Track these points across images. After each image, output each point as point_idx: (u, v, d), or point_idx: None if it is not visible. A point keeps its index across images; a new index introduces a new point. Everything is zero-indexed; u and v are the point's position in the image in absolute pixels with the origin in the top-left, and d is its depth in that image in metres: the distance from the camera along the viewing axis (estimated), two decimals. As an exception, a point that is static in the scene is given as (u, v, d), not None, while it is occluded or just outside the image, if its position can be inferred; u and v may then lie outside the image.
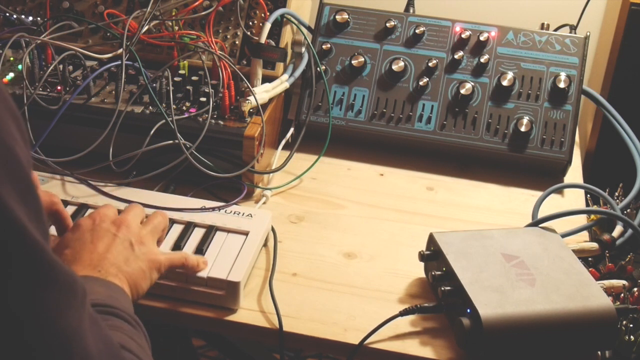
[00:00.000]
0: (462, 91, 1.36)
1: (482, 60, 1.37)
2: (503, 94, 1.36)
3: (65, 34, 1.35)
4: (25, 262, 0.57)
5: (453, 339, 0.96)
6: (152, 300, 0.97)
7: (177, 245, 1.04)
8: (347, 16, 1.42)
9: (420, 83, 1.37)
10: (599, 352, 0.97)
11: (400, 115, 1.37)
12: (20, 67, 1.27)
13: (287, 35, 1.36)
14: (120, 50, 1.26)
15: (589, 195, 1.27)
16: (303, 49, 1.37)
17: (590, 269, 1.04)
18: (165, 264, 0.95)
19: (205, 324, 1.00)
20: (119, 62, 1.24)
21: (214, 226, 1.08)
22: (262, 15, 1.36)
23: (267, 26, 1.30)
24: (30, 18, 1.38)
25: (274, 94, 1.29)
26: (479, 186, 1.33)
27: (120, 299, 0.84)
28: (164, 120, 1.18)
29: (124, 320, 0.80)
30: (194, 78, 1.29)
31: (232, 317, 0.99)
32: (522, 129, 1.33)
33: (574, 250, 1.06)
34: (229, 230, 1.08)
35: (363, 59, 1.39)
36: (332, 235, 1.17)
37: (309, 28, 1.43)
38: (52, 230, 0.98)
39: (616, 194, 1.25)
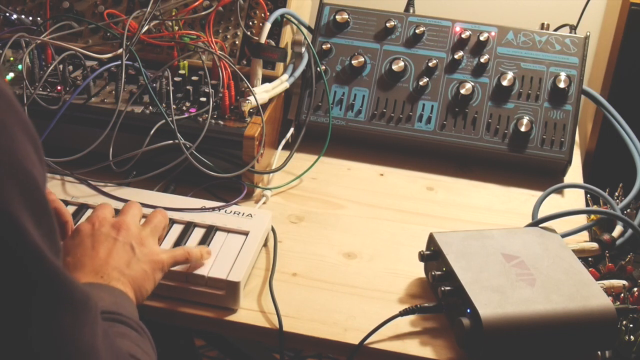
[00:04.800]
0: (462, 91, 1.36)
1: (482, 60, 1.37)
2: (503, 94, 1.36)
3: (65, 34, 1.35)
4: (45, 288, 0.58)
5: (453, 339, 0.96)
6: (152, 300, 0.97)
7: (177, 245, 1.04)
8: (347, 16, 1.42)
9: (420, 83, 1.37)
10: (599, 352, 0.97)
11: (400, 115, 1.37)
12: (20, 67, 1.27)
13: (287, 35, 1.36)
14: (120, 50, 1.26)
15: (589, 195, 1.27)
16: (303, 49, 1.37)
17: (590, 269, 1.04)
18: (168, 262, 0.95)
19: (205, 324, 1.00)
20: (119, 62, 1.24)
21: (214, 226, 1.08)
22: (262, 15, 1.36)
23: (267, 26, 1.30)
24: (30, 18, 1.38)
25: (274, 94, 1.29)
26: (478, 186, 1.33)
27: (125, 305, 0.84)
28: (164, 120, 1.18)
29: (130, 327, 0.80)
30: (194, 78, 1.29)
31: (232, 317, 0.99)
32: (522, 129, 1.33)
33: (574, 250, 1.06)
34: (229, 230, 1.08)
35: (363, 59, 1.39)
36: (332, 235, 1.17)
37: (309, 28, 1.43)
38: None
39: (616, 194, 1.25)
